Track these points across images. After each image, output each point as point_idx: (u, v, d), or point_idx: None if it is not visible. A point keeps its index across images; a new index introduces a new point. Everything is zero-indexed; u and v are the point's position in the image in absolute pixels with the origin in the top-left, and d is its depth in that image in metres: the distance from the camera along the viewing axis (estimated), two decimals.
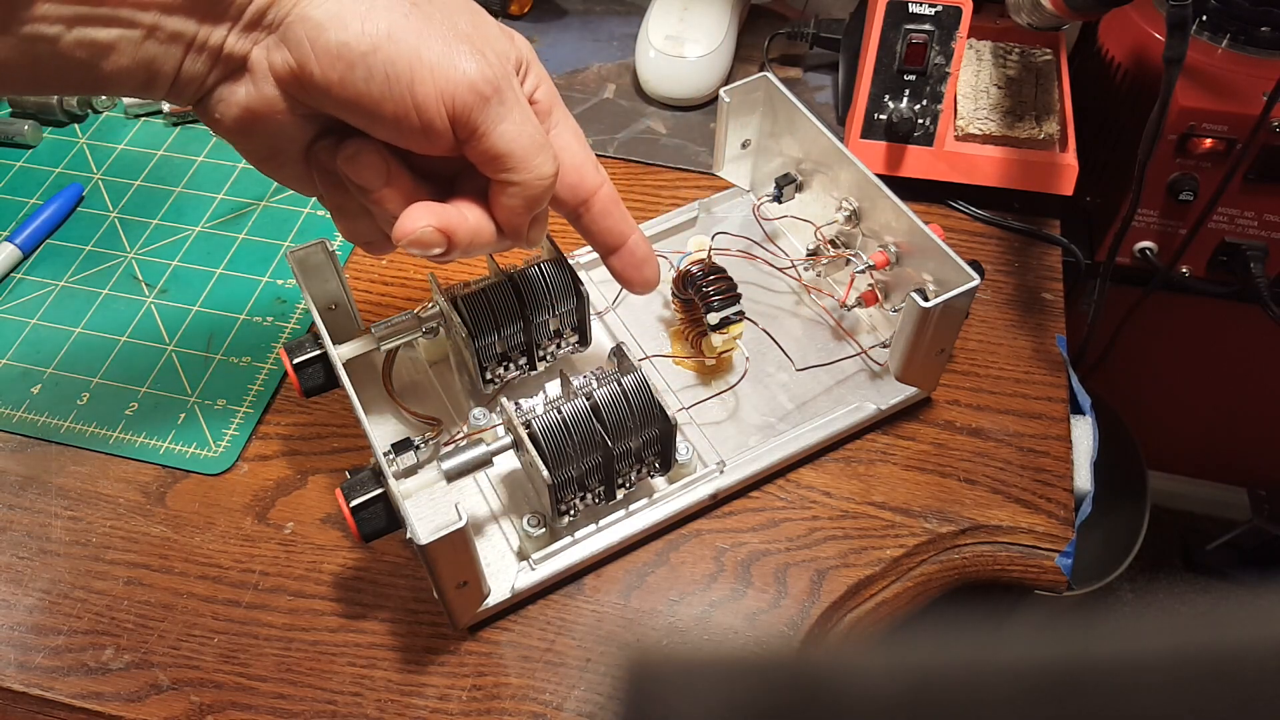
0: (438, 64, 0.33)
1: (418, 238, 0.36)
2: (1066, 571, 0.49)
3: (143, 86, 0.34)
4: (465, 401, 0.51)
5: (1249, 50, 0.66)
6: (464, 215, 0.37)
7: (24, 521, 0.49)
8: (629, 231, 0.42)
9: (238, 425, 0.53)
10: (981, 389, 0.54)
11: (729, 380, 0.53)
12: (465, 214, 0.37)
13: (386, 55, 0.32)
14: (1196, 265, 0.73)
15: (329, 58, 0.32)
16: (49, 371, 0.55)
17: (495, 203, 0.37)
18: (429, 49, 0.33)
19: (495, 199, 0.37)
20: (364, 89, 0.33)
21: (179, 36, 0.33)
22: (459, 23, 0.34)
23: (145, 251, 0.61)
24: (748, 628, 0.45)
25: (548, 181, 0.37)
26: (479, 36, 0.35)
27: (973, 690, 0.15)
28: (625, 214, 0.42)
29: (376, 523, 0.41)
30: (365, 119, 0.34)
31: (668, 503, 0.48)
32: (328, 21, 0.32)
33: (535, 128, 0.36)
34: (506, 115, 0.35)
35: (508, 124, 0.35)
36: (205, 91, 0.35)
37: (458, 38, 0.34)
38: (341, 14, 0.32)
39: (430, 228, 0.36)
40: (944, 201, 0.63)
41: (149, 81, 0.34)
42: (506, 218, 0.37)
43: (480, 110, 0.34)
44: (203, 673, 0.44)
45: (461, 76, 0.33)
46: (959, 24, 0.56)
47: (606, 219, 0.42)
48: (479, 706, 0.43)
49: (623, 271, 0.43)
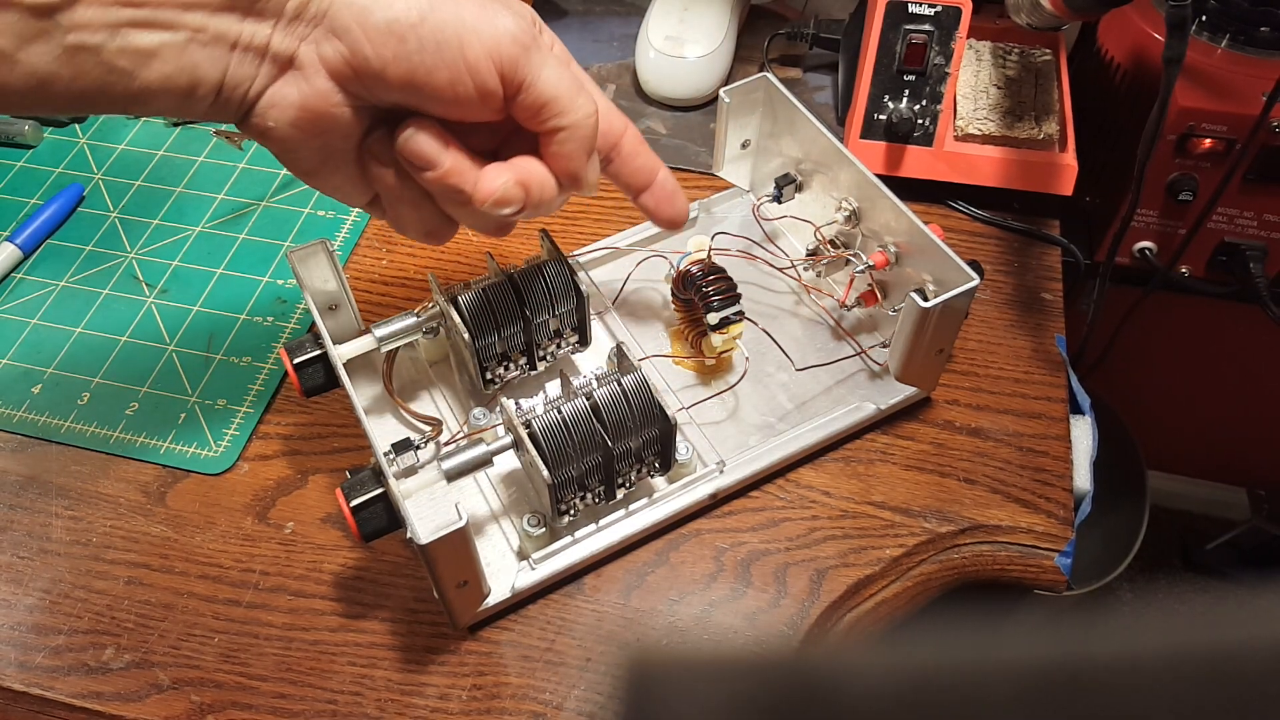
0: (479, 24, 0.34)
1: (502, 195, 0.36)
2: (1066, 571, 0.49)
3: (185, 96, 0.33)
4: (465, 401, 0.52)
5: (1248, 50, 0.66)
6: (531, 169, 0.38)
7: (24, 521, 0.49)
8: (657, 167, 0.44)
9: (238, 425, 0.53)
10: (981, 389, 0.54)
11: (729, 380, 0.53)
12: (531, 168, 0.38)
13: (434, 23, 0.33)
14: (1196, 265, 0.73)
15: (381, 36, 0.33)
16: (49, 371, 0.55)
17: (549, 154, 0.38)
18: (468, 11, 0.34)
19: (548, 150, 0.38)
20: (418, 60, 0.33)
21: (223, 38, 0.33)
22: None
23: (146, 251, 0.61)
24: (747, 627, 0.45)
25: (594, 119, 0.38)
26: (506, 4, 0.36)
27: (972, 690, 0.15)
28: (650, 151, 0.44)
29: (377, 522, 0.41)
30: (420, 94, 0.35)
31: (668, 502, 0.48)
32: (372, 2, 0.33)
33: (570, 71, 0.37)
34: (545, 61, 0.36)
35: (548, 69, 0.36)
36: (254, 97, 0.35)
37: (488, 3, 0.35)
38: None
39: (510, 181, 0.37)
40: (944, 201, 0.63)
41: (192, 90, 0.33)
42: (564, 165, 0.38)
43: (524, 60, 0.35)
44: (203, 672, 0.44)
45: (503, 32, 0.34)
46: (958, 24, 0.56)
47: (636, 158, 0.43)
48: (479, 706, 0.43)
49: (656, 207, 0.45)
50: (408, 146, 0.36)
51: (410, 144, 0.36)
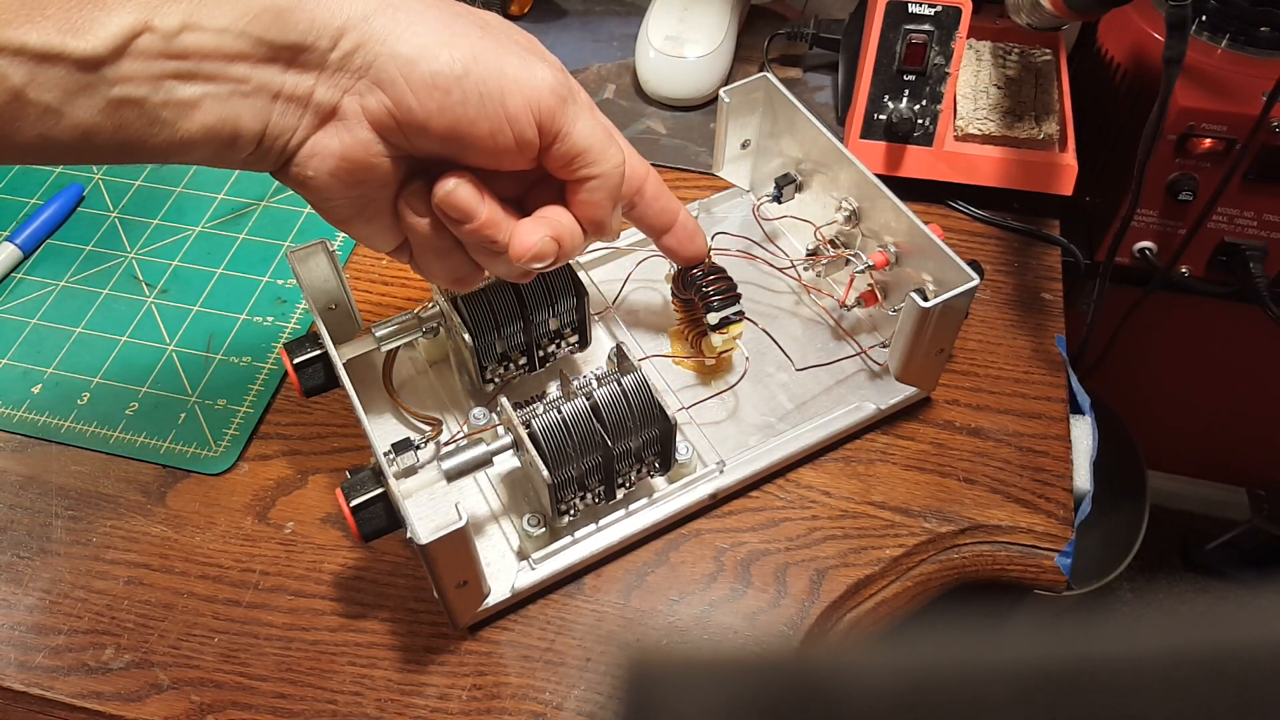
0: (520, 76, 0.35)
1: (539, 250, 0.37)
2: (1066, 571, 0.49)
3: (227, 145, 0.34)
4: (465, 401, 0.52)
5: (1248, 50, 0.66)
6: (560, 221, 0.38)
7: (24, 521, 0.49)
8: (677, 209, 0.46)
9: (238, 425, 0.53)
10: (981, 389, 0.54)
11: (729, 380, 0.53)
12: (560, 219, 0.38)
13: (478, 76, 0.34)
14: (1196, 265, 0.73)
15: (425, 89, 0.33)
16: (49, 371, 0.55)
17: (576, 202, 0.39)
18: (509, 64, 0.35)
19: (576, 198, 0.39)
20: (461, 112, 0.34)
21: (266, 89, 0.33)
22: (518, 39, 0.37)
23: (145, 251, 0.61)
24: (747, 627, 0.45)
25: (622, 169, 0.39)
26: (535, 49, 0.37)
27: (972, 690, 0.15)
28: (670, 194, 0.45)
29: (377, 522, 0.41)
30: (460, 144, 0.35)
31: (667, 502, 0.48)
32: (418, 55, 0.33)
33: (602, 121, 0.38)
34: (580, 113, 0.37)
35: (582, 121, 0.37)
36: (295, 147, 0.35)
37: (524, 51, 0.36)
38: (428, 45, 0.33)
39: (545, 238, 0.38)
40: (943, 201, 0.63)
41: (233, 140, 0.33)
42: (591, 213, 0.39)
43: (560, 112, 0.36)
44: (203, 672, 0.44)
45: (542, 84, 0.35)
46: (958, 24, 0.56)
47: (658, 202, 0.45)
48: (479, 706, 0.43)
49: (677, 249, 0.47)
50: (449, 200, 0.36)
51: (451, 198, 0.36)
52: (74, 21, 0.29)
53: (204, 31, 0.31)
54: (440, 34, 0.34)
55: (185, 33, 0.31)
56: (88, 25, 0.29)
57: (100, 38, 0.30)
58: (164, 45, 0.31)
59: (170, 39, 0.31)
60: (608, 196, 0.39)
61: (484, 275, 0.41)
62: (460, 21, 0.35)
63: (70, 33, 0.29)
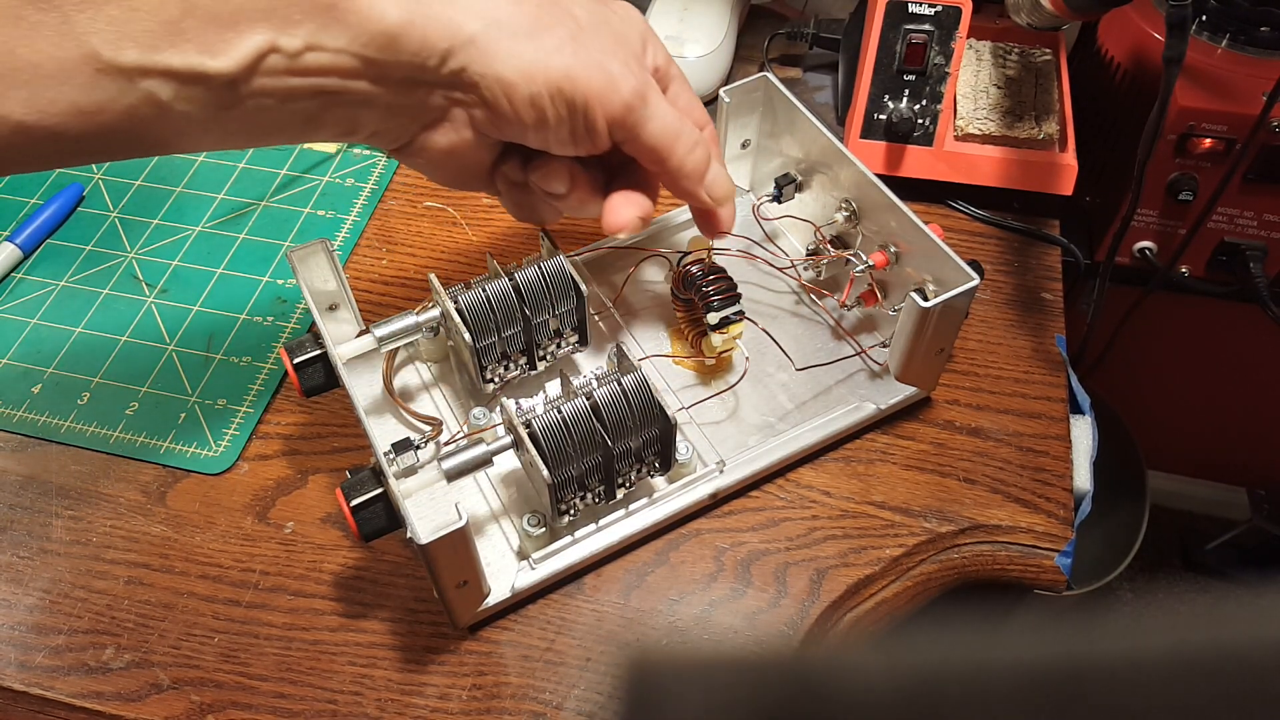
0: (603, 89, 0.39)
1: (628, 227, 0.44)
2: (1066, 571, 0.49)
3: (344, 136, 0.38)
4: (465, 401, 0.52)
5: (1249, 50, 0.66)
6: (645, 199, 0.44)
7: (24, 521, 0.49)
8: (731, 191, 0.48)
9: (238, 425, 0.53)
10: (981, 389, 0.54)
11: (729, 380, 0.53)
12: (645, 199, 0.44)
13: (569, 95, 0.38)
14: (1196, 265, 0.73)
15: (524, 107, 0.38)
16: (49, 371, 0.55)
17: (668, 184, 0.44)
18: (595, 77, 0.38)
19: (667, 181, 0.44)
20: (552, 123, 0.39)
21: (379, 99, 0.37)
22: (605, 39, 0.40)
23: (145, 251, 0.61)
24: (747, 627, 0.45)
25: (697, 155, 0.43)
26: (623, 47, 0.40)
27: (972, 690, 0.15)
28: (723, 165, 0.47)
29: (377, 522, 0.41)
30: (547, 142, 0.40)
31: (668, 502, 0.48)
32: (518, 79, 0.37)
33: (672, 116, 0.41)
34: (651, 115, 0.40)
35: (653, 122, 0.41)
36: (406, 142, 0.39)
37: (611, 55, 0.39)
38: (527, 68, 0.37)
39: (636, 217, 0.44)
40: (944, 201, 0.63)
41: (350, 134, 0.38)
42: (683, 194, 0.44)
43: (631, 117, 0.40)
44: (203, 672, 0.44)
45: (619, 95, 0.39)
46: (959, 24, 0.56)
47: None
48: (479, 706, 0.43)
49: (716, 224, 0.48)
50: (541, 181, 0.42)
51: (544, 180, 0.42)
52: (210, 43, 0.33)
53: (325, 51, 0.35)
54: (538, 52, 0.37)
55: (308, 53, 0.34)
56: (223, 47, 0.33)
57: (234, 58, 0.33)
58: (289, 63, 0.34)
59: (295, 58, 0.34)
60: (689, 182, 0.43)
61: (560, 215, 0.46)
62: (556, 34, 0.38)
63: (208, 54, 0.33)
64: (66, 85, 0.31)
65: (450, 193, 0.64)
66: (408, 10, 0.35)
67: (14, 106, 0.31)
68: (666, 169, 0.42)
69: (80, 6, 0.31)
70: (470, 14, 0.36)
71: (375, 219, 0.62)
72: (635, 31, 0.42)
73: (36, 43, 0.30)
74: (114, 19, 0.31)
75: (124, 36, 0.31)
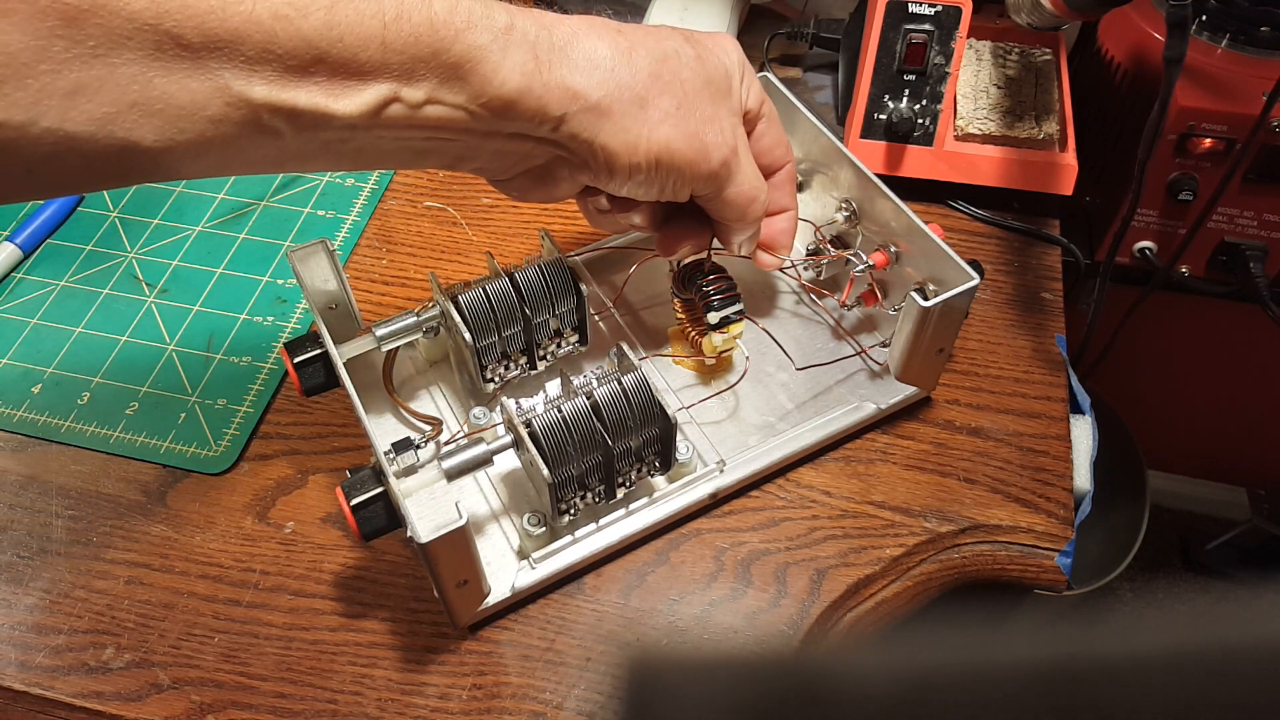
0: (696, 158, 0.41)
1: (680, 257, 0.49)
2: (1066, 571, 0.49)
3: (448, 168, 0.41)
4: (465, 401, 0.52)
5: (1249, 50, 0.66)
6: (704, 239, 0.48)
7: (24, 521, 0.49)
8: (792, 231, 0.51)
9: (238, 425, 0.53)
10: (981, 388, 0.54)
11: (729, 380, 0.53)
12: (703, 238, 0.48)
13: (665, 167, 0.41)
14: (1196, 265, 0.73)
15: (623, 174, 0.40)
16: (49, 371, 0.55)
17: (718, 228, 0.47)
18: (691, 147, 0.41)
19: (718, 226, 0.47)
20: (644, 185, 0.41)
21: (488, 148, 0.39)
22: (705, 104, 0.41)
23: (145, 251, 0.61)
24: (747, 627, 0.45)
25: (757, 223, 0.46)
26: (721, 105, 0.42)
27: (972, 689, 0.15)
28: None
29: (377, 521, 0.41)
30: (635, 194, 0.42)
31: (668, 502, 0.48)
32: (622, 151, 0.39)
33: (753, 179, 0.44)
34: (731, 179, 0.43)
35: (733, 187, 0.43)
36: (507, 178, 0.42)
37: (709, 122, 0.41)
38: (634, 141, 0.39)
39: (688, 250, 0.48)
40: (944, 201, 0.63)
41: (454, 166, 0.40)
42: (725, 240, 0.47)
43: (715, 184, 0.43)
44: (203, 672, 0.44)
45: (709, 165, 0.42)
46: (959, 24, 0.56)
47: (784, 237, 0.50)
48: (479, 705, 0.43)
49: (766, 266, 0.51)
50: (624, 219, 0.46)
51: (627, 218, 0.46)
52: (336, 89, 0.34)
53: (443, 106, 0.36)
54: (644, 125, 0.39)
55: (428, 105, 0.36)
56: (348, 93, 0.34)
57: (357, 104, 0.34)
58: (409, 114, 0.36)
59: (415, 109, 0.36)
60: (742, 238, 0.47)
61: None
62: (661, 105, 0.40)
63: (333, 98, 0.34)
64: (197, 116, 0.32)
65: (450, 193, 0.64)
66: (528, 78, 0.36)
67: (146, 133, 0.31)
68: (730, 230, 0.46)
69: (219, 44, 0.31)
70: (589, 82, 0.38)
71: (375, 219, 0.62)
72: (731, 74, 0.43)
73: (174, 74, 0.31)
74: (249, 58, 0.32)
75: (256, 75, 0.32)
